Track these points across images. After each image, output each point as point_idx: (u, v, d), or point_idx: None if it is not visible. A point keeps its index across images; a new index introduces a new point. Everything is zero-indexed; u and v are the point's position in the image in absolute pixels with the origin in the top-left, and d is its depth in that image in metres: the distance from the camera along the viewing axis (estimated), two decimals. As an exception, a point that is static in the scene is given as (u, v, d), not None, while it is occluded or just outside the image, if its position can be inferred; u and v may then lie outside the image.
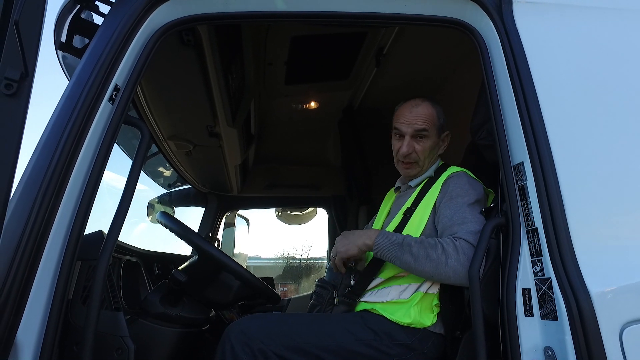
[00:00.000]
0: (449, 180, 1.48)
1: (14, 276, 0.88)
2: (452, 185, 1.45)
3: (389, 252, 1.35)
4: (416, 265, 1.30)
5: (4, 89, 0.82)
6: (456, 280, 1.27)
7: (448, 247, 1.28)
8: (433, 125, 1.56)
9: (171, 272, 1.42)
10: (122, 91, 1.13)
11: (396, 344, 1.34)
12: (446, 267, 1.26)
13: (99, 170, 1.06)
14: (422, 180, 1.60)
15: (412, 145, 1.54)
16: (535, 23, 1.24)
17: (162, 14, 1.23)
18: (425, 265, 1.29)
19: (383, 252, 1.37)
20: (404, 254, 1.32)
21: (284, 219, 3.99)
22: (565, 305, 0.97)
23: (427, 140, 1.55)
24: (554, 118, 1.14)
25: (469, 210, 1.36)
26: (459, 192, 1.41)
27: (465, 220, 1.34)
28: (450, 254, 1.26)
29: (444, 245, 1.29)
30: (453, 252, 1.26)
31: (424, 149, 1.55)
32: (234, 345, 1.24)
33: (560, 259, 1.01)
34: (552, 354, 0.98)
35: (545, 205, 1.07)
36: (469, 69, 2.40)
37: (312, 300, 1.59)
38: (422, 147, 1.54)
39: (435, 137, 1.57)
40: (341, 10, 1.31)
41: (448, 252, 1.27)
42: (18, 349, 0.90)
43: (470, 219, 1.34)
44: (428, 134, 1.55)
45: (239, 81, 2.09)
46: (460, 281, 1.27)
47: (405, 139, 1.55)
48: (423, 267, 1.29)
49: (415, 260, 1.30)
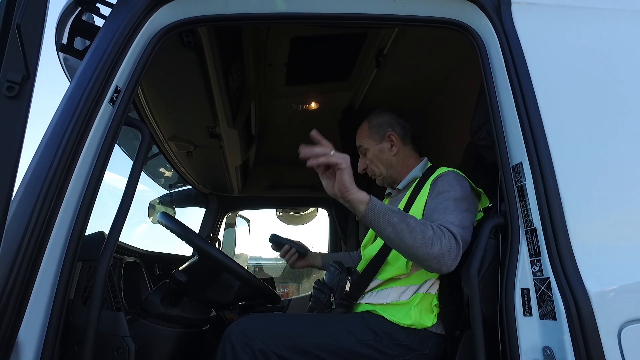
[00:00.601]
0: (437, 179, 1.49)
1: (16, 277, 0.89)
2: (439, 183, 1.46)
3: (383, 216, 1.19)
4: (407, 237, 1.19)
5: (5, 91, 0.82)
6: (439, 268, 1.23)
7: (437, 230, 1.23)
8: (367, 137, 1.69)
9: (172, 273, 1.42)
10: (122, 93, 1.14)
11: (396, 344, 1.34)
12: (434, 248, 1.20)
13: (100, 171, 1.07)
14: (409, 182, 1.62)
15: (363, 163, 1.70)
16: (534, 24, 1.25)
17: (163, 15, 1.24)
18: (416, 240, 1.19)
19: (376, 215, 1.20)
20: (401, 222, 1.19)
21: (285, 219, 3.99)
22: (563, 305, 0.97)
23: (368, 152, 1.68)
24: (553, 119, 1.14)
25: (453, 203, 1.36)
26: (445, 187, 1.43)
27: (446, 211, 1.33)
28: (440, 237, 1.22)
29: (434, 228, 1.24)
30: (441, 236, 1.22)
31: (371, 161, 1.68)
32: (234, 346, 1.24)
33: (559, 259, 1.02)
34: (550, 353, 0.98)
35: (544, 206, 1.07)
36: (469, 70, 2.40)
37: (310, 303, 1.59)
38: (370, 160, 1.68)
39: (374, 145, 1.67)
40: (341, 12, 1.32)
41: (438, 234, 1.22)
42: (19, 349, 0.90)
43: (452, 210, 1.33)
44: (365, 147, 1.69)
45: (240, 82, 2.09)
46: (442, 268, 1.23)
47: (359, 159, 1.71)
48: (415, 242, 1.19)
49: (409, 233, 1.19)
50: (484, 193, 1.52)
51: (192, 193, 3.44)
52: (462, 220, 1.31)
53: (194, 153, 2.53)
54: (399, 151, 1.66)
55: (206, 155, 2.60)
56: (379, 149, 1.65)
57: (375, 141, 1.66)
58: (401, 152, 1.66)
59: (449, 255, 1.22)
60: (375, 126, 1.68)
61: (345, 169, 1.17)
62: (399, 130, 1.68)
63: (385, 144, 1.66)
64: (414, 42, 2.25)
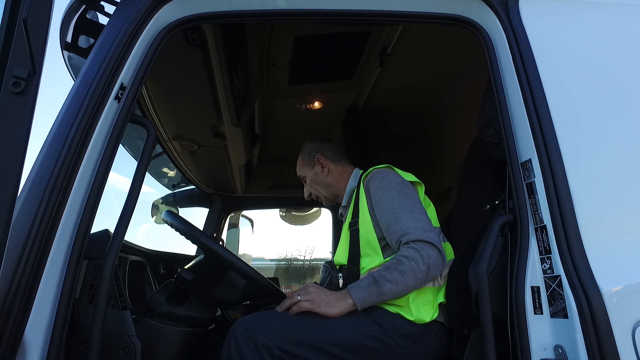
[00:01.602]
0: (367, 184, 1.56)
1: (21, 275, 0.88)
2: (372, 188, 1.53)
3: (372, 297, 1.33)
4: (399, 287, 1.32)
5: (11, 87, 0.82)
6: (433, 274, 1.35)
7: (409, 253, 1.33)
8: (302, 166, 1.86)
9: (177, 271, 1.42)
10: (128, 90, 1.13)
11: (400, 334, 1.35)
12: (421, 270, 1.31)
13: (105, 169, 1.06)
14: (349, 195, 1.73)
15: (306, 190, 1.87)
16: (542, 19, 1.23)
17: (167, 13, 1.23)
18: (405, 281, 1.32)
19: (366, 300, 1.34)
20: (383, 286, 1.32)
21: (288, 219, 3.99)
22: (575, 303, 0.96)
23: (307, 179, 1.84)
24: (562, 114, 1.13)
25: (397, 206, 1.43)
26: (379, 191, 1.49)
27: (399, 217, 1.40)
28: (415, 257, 1.32)
29: (405, 255, 1.34)
30: (416, 255, 1.32)
31: (310, 186, 1.84)
32: (238, 342, 1.24)
33: (570, 257, 1.00)
34: (562, 352, 0.97)
35: (554, 203, 1.06)
36: (473, 68, 2.39)
37: None
38: (309, 185, 1.84)
39: (307, 171, 1.83)
40: (345, 8, 1.31)
41: (412, 257, 1.32)
42: (25, 348, 0.90)
43: (402, 214, 1.40)
44: (301, 175, 1.86)
45: (244, 81, 2.09)
46: (436, 271, 1.35)
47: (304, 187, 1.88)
48: (405, 284, 1.32)
49: (396, 284, 1.32)
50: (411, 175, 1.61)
51: (195, 193, 3.44)
52: (416, 218, 1.39)
53: (198, 152, 2.53)
54: (330, 171, 1.79)
55: (210, 155, 2.60)
56: (313, 173, 1.81)
57: (308, 167, 1.83)
58: (333, 171, 1.80)
59: (434, 262, 1.33)
60: (306, 155, 1.85)
61: (313, 303, 1.33)
62: (326, 152, 1.82)
63: (317, 167, 1.81)
64: (417, 41, 2.25)
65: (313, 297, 1.34)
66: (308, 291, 1.37)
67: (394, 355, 1.33)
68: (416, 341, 1.36)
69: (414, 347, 1.35)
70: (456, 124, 2.70)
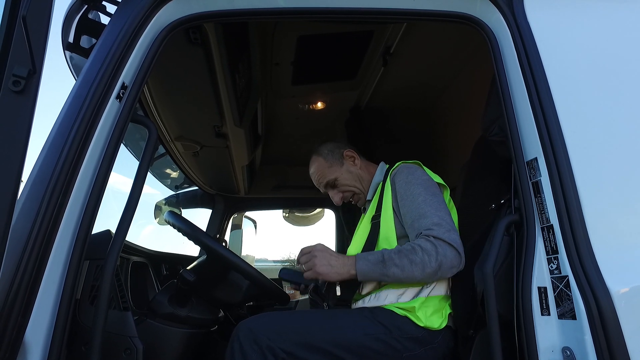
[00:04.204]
0: (393, 178, 1.52)
1: (22, 275, 0.87)
2: (397, 183, 1.49)
3: (374, 273, 1.33)
4: (404, 274, 1.30)
5: (11, 85, 0.81)
6: (444, 273, 1.30)
7: (426, 246, 1.29)
8: (327, 169, 1.68)
9: (180, 272, 1.41)
10: (129, 89, 1.12)
11: (407, 337, 1.33)
12: (431, 265, 1.28)
13: (107, 169, 1.06)
14: (374, 189, 1.66)
15: (337, 194, 1.69)
16: (547, 16, 1.22)
17: (169, 12, 1.22)
18: (413, 271, 1.29)
19: (368, 275, 1.34)
20: (389, 268, 1.30)
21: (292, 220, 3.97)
22: (584, 304, 0.94)
23: (337, 181, 1.67)
24: (568, 112, 1.11)
25: (422, 202, 1.39)
26: (404, 186, 1.45)
27: (422, 214, 1.36)
28: (430, 251, 1.28)
29: (421, 246, 1.30)
30: (432, 249, 1.28)
31: (344, 185, 1.67)
32: (242, 343, 1.23)
33: (578, 257, 0.98)
34: (571, 354, 0.95)
35: (561, 202, 1.04)
36: (477, 67, 2.38)
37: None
38: (342, 186, 1.67)
39: (337, 170, 1.68)
40: (349, 6, 1.30)
41: (427, 250, 1.29)
42: (26, 349, 0.89)
43: (427, 210, 1.36)
44: (331, 178, 1.67)
45: (246, 81, 2.08)
46: (448, 272, 1.30)
47: (330, 194, 1.71)
48: (412, 274, 1.29)
49: (402, 271, 1.29)
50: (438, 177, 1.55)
51: (198, 194, 3.43)
52: (441, 217, 1.34)
53: (200, 153, 2.52)
54: (361, 162, 1.71)
55: (212, 155, 2.59)
56: (345, 170, 1.68)
57: (337, 166, 1.69)
58: (362, 163, 1.72)
59: (449, 262, 1.28)
60: (329, 155, 1.71)
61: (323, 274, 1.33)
62: (348, 146, 1.74)
63: (346, 164, 1.70)
64: (421, 40, 2.23)
65: (315, 262, 1.34)
66: (313, 254, 1.36)
67: (400, 358, 1.31)
68: (423, 344, 1.34)
69: (420, 350, 1.33)
70: (460, 123, 2.68)
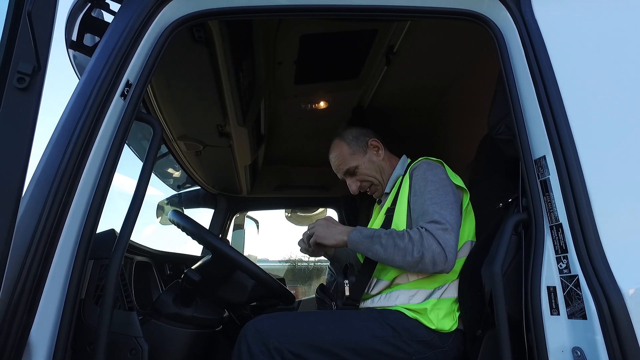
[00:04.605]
0: (412, 173, 1.50)
1: (27, 275, 0.87)
2: (414, 178, 1.48)
3: (362, 245, 1.37)
4: (385, 254, 1.32)
5: (16, 82, 0.80)
6: (425, 267, 1.28)
7: (414, 235, 1.30)
8: (349, 156, 1.65)
9: (184, 272, 1.40)
10: (133, 87, 1.11)
11: (416, 340, 1.31)
12: (413, 255, 1.28)
13: (111, 167, 1.05)
14: (393, 182, 1.63)
15: (355, 183, 1.66)
16: (555, 12, 1.21)
17: (173, 9, 1.22)
18: (394, 254, 1.30)
19: (356, 245, 1.39)
20: (374, 245, 1.34)
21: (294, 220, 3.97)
22: (594, 303, 0.93)
23: (358, 169, 1.64)
24: (577, 109, 1.10)
25: (429, 199, 1.38)
26: (420, 182, 1.44)
27: (425, 211, 1.36)
28: (416, 241, 1.28)
29: (410, 234, 1.31)
30: (418, 239, 1.28)
31: (364, 174, 1.64)
32: (250, 345, 1.22)
33: (588, 255, 0.97)
34: (581, 354, 0.93)
35: (570, 200, 1.03)
36: (481, 66, 2.37)
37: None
38: (362, 175, 1.64)
39: (360, 158, 1.64)
40: (352, 4, 1.29)
41: (414, 239, 1.29)
42: (31, 349, 0.88)
43: (431, 208, 1.35)
44: (352, 165, 1.64)
45: (250, 80, 2.07)
46: (430, 268, 1.28)
47: (347, 182, 1.68)
48: (392, 256, 1.31)
49: (384, 250, 1.32)
50: (459, 178, 1.53)
51: (200, 194, 3.43)
52: (442, 215, 1.33)
53: (203, 152, 2.51)
54: (384, 153, 1.68)
55: (215, 155, 2.58)
56: (367, 159, 1.65)
57: (360, 154, 1.65)
58: (386, 154, 1.69)
59: (430, 257, 1.26)
60: (352, 141, 1.67)
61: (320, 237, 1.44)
62: (374, 135, 1.69)
63: (370, 152, 1.66)
64: (425, 39, 2.22)
65: (316, 229, 1.46)
66: (315, 226, 1.48)
67: None
68: (433, 348, 1.32)
69: (430, 353, 1.31)
70: (464, 123, 2.67)
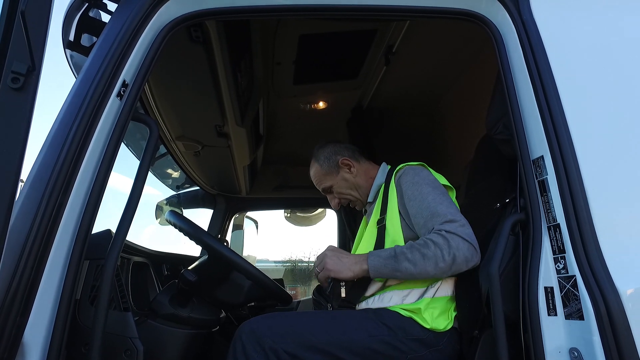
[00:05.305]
0: (399, 180, 1.51)
1: (21, 275, 0.86)
2: (404, 185, 1.47)
3: (386, 269, 1.32)
4: (417, 269, 1.28)
5: (10, 82, 0.80)
6: (459, 267, 1.27)
7: (438, 240, 1.28)
8: (323, 176, 1.71)
9: (181, 272, 1.39)
10: (130, 87, 1.11)
11: (411, 339, 1.31)
12: (445, 259, 1.26)
13: (107, 167, 1.04)
14: (375, 192, 1.64)
15: (334, 199, 1.73)
16: (554, 12, 1.20)
17: (170, 9, 1.21)
18: (425, 265, 1.27)
19: (380, 271, 1.33)
20: (402, 263, 1.30)
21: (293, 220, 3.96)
22: (592, 304, 0.92)
23: (335, 187, 1.70)
24: (575, 110, 1.10)
25: (432, 201, 1.37)
26: (412, 187, 1.44)
27: (434, 213, 1.35)
28: (442, 245, 1.27)
29: (433, 240, 1.29)
30: (444, 243, 1.27)
31: (340, 193, 1.70)
32: (245, 345, 1.22)
33: (586, 256, 0.97)
34: (578, 355, 0.93)
35: (568, 200, 1.02)
36: (480, 66, 2.36)
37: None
38: (338, 193, 1.70)
39: (333, 178, 1.70)
40: (351, 4, 1.29)
41: (439, 244, 1.27)
42: (25, 350, 0.88)
43: (439, 209, 1.35)
44: (327, 184, 1.71)
45: (248, 80, 2.07)
46: (463, 266, 1.27)
47: (328, 198, 1.75)
48: (425, 268, 1.28)
49: (414, 265, 1.28)
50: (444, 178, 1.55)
51: (199, 194, 3.42)
52: (453, 214, 1.33)
53: (202, 153, 2.51)
54: (358, 170, 1.70)
55: (214, 155, 2.58)
56: (341, 179, 1.69)
57: (333, 174, 1.70)
58: (360, 170, 1.70)
59: (462, 255, 1.26)
60: (324, 162, 1.71)
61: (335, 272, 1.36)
62: (346, 153, 1.72)
63: (342, 172, 1.69)
64: (424, 39, 2.22)
65: (327, 261, 1.38)
66: (324, 258, 1.40)
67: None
68: (428, 346, 1.32)
69: (425, 351, 1.31)
70: (463, 123, 2.67)
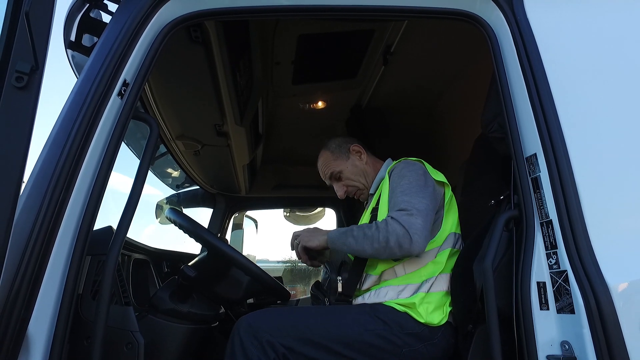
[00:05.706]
0: (392, 173, 1.56)
1: (25, 270, 0.88)
2: (392, 178, 1.53)
3: (339, 240, 1.46)
4: (357, 246, 1.39)
5: (14, 81, 0.82)
6: (392, 251, 1.33)
7: (380, 224, 1.38)
8: (332, 161, 1.75)
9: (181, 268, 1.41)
10: (131, 86, 1.13)
11: (406, 333, 1.34)
12: (379, 240, 1.34)
13: (108, 165, 1.06)
14: (377, 184, 1.70)
15: (342, 188, 1.76)
16: (547, 13, 1.22)
17: (170, 10, 1.23)
18: (364, 243, 1.38)
19: (334, 242, 1.48)
20: (348, 238, 1.42)
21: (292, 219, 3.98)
22: (582, 298, 0.94)
23: (342, 174, 1.74)
24: (568, 108, 1.12)
25: (400, 192, 1.43)
26: (396, 179, 1.50)
27: (396, 202, 1.42)
28: (381, 228, 1.35)
29: (377, 223, 1.39)
30: (383, 227, 1.35)
31: (348, 179, 1.73)
32: (242, 338, 1.24)
33: (577, 251, 0.99)
34: (569, 348, 0.95)
35: (560, 197, 1.04)
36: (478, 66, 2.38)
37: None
38: (347, 180, 1.74)
39: (343, 163, 1.74)
40: (350, 4, 1.30)
41: (380, 227, 1.36)
42: (29, 343, 0.90)
43: (400, 199, 1.41)
44: (336, 170, 1.74)
45: (247, 79, 2.09)
46: (397, 251, 1.33)
47: (335, 187, 1.78)
48: (362, 246, 1.38)
49: (356, 242, 1.39)
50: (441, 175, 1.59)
51: (199, 193, 3.44)
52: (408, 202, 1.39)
53: (202, 152, 2.53)
54: (367, 158, 1.76)
55: (213, 154, 2.60)
56: (351, 164, 1.74)
57: (343, 159, 1.75)
58: (369, 159, 1.77)
59: (395, 239, 1.32)
60: (336, 149, 1.77)
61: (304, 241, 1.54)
62: (356, 141, 1.79)
63: (352, 157, 1.75)
64: (422, 39, 2.24)
65: (302, 234, 1.56)
66: (301, 232, 1.58)
67: (399, 354, 1.32)
68: (423, 340, 1.35)
69: (419, 345, 1.34)
70: (461, 122, 2.69)
